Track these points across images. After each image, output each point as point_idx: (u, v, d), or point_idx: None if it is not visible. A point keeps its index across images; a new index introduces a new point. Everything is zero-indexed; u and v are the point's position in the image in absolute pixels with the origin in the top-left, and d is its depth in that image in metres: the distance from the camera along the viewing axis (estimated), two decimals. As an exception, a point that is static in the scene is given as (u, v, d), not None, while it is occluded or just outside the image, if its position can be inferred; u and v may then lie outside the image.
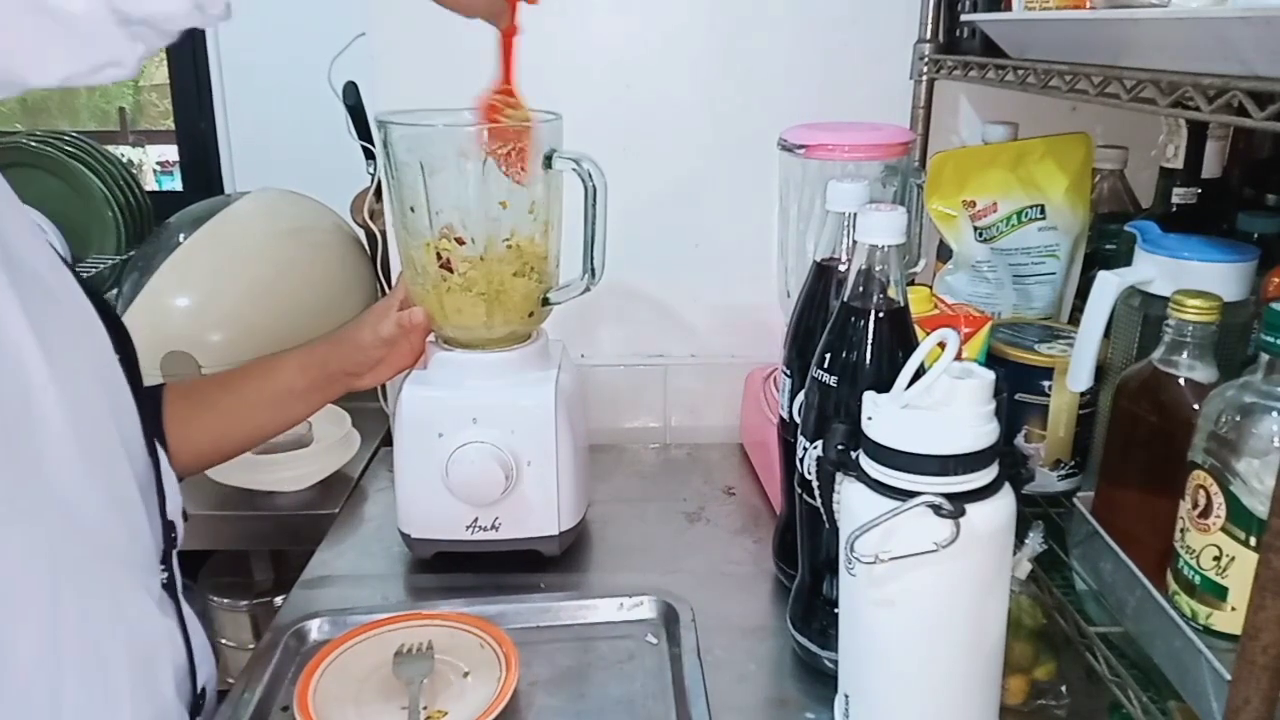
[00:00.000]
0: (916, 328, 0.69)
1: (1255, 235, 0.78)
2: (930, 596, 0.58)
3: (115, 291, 1.26)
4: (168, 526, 0.67)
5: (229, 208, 1.26)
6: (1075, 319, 0.85)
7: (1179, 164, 0.86)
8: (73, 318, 0.61)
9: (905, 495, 0.57)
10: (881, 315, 0.67)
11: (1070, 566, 0.77)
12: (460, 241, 0.85)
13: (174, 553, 0.69)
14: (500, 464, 0.85)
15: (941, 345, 0.59)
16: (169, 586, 0.67)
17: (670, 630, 0.81)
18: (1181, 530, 0.63)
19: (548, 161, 0.84)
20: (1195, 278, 0.69)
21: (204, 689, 0.70)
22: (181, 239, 1.21)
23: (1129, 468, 0.72)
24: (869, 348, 0.67)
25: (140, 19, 0.45)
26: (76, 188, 1.53)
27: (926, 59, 1.02)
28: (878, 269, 0.66)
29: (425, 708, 0.71)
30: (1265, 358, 0.57)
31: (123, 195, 1.58)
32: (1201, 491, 0.60)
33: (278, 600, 1.17)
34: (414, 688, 0.73)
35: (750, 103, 1.11)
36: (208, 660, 0.72)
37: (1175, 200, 0.86)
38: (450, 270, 0.86)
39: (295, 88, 1.44)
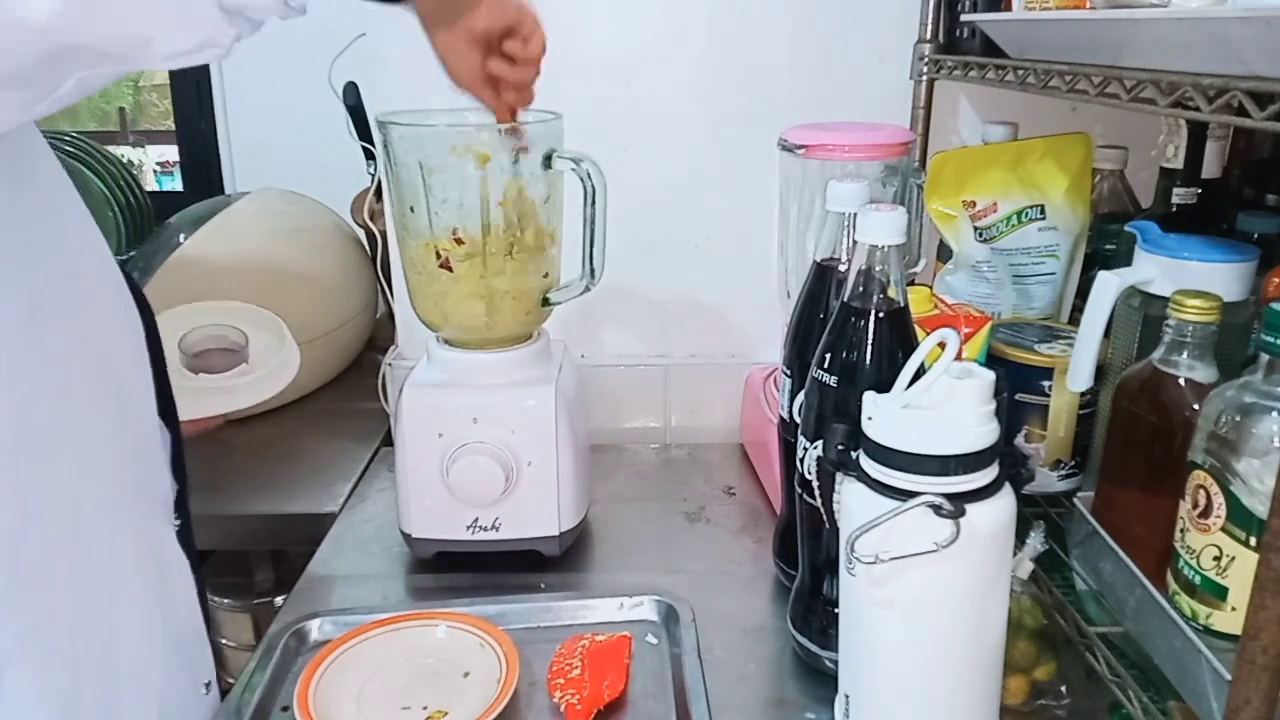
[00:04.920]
0: (916, 328, 0.69)
1: (1255, 235, 0.78)
2: (930, 597, 0.58)
3: (115, 291, 1.26)
4: (179, 470, 0.75)
5: (229, 208, 1.26)
6: (1075, 319, 0.85)
7: (1179, 164, 0.86)
8: (100, 285, 0.67)
9: (905, 495, 0.57)
10: (881, 315, 0.67)
11: (1070, 566, 0.77)
12: (460, 241, 0.85)
13: (186, 502, 0.76)
14: (500, 464, 0.85)
15: (941, 345, 0.59)
16: (182, 532, 0.74)
17: (670, 630, 0.81)
18: (1181, 530, 0.63)
19: (547, 161, 0.84)
20: (1195, 278, 0.69)
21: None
22: (182, 239, 1.21)
23: (1129, 468, 0.72)
24: (869, 348, 0.67)
25: (236, 7, 0.50)
26: (77, 188, 1.53)
27: (926, 59, 1.02)
28: (878, 269, 0.66)
29: (425, 708, 0.71)
30: (1265, 358, 0.57)
31: (123, 195, 1.58)
32: (1201, 491, 0.60)
33: (278, 600, 1.17)
34: (414, 688, 0.73)
35: (750, 103, 1.11)
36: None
37: (1175, 200, 0.86)
38: (450, 270, 0.86)
39: (295, 88, 1.44)
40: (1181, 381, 0.67)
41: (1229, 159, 0.87)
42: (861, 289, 0.67)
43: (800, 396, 0.74)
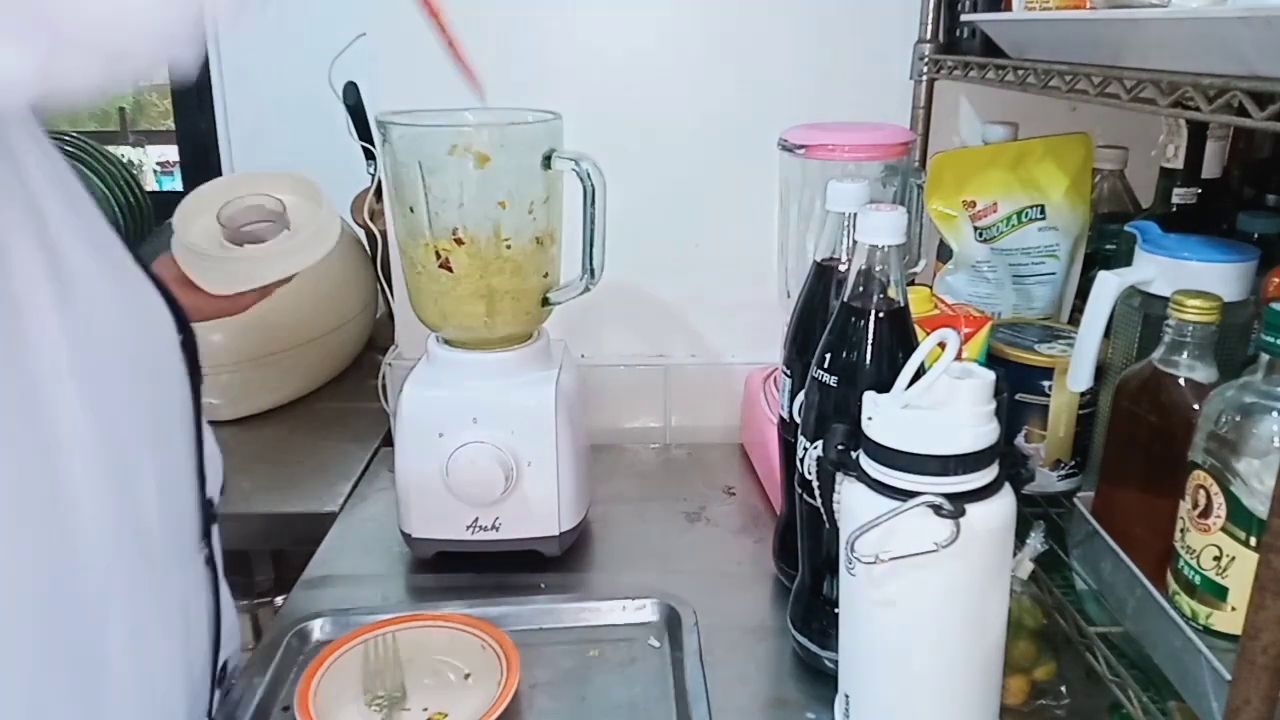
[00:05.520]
0: (916, 328, 0.69)
1: (1255, 235, 0.78)
2: (930, 597, 0.58)
3: (115, 292, 1.25)
4: (206, 505, 0.69)
5: (229, 208, 1.26)
6: (1075, 319, 0.85)
7: (1179, 164, 0.86)
8: (133, 303, 0.60)
9: (905, 495, 0.57)
10: (881, 315, 0.67)
11: (1070, 566, 0.77)
12: (460, 241, 0.85)
13: (213, 529, 0.69)
14: (500, 464, 0.85)
15: (941, 345, 0.59)
16: (210, 561, 0.69)
17: (673, 633, 0.81)
18: (1181, 530, 0.63)
19: (547, 161, 0.84)
20: (1195, 278, 0.69)
21: (225, 662, 0.71)
22: (182, 239, 1.21)
23: (1129, 468, 0.72)
24: (869, 348, 0.67)
25: None
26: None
27: (926, 59, 1.02)
28: (878, 269, 0.66)
29: (425, 708, 0.71)
30: (1265, 358, 0.57)
31: (123, 195, 1.58)
32: (1201, 491, 0.60)
33: (278, 600, 1.17)
34: (414, 688, 0.73)
35: (750, 103, 1.11)
36: (235, 636, 0.72)
37: (1175, 200, 0.86)
38: (450, 270, 0.86)
39: (295, 88, 1.44)
40: (1181, 381, 0.67)
41: (1229, 159, 0.87)
42: (861, 289, 0.67)
43: (800, 396, 0.74)
